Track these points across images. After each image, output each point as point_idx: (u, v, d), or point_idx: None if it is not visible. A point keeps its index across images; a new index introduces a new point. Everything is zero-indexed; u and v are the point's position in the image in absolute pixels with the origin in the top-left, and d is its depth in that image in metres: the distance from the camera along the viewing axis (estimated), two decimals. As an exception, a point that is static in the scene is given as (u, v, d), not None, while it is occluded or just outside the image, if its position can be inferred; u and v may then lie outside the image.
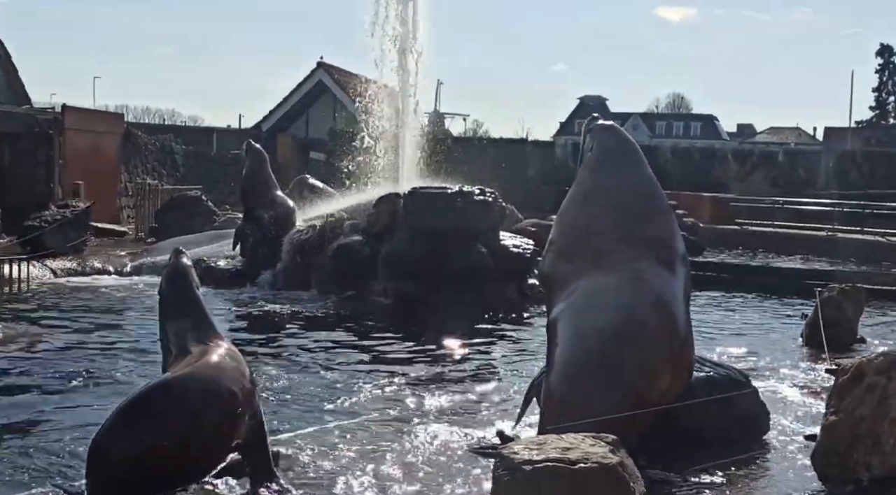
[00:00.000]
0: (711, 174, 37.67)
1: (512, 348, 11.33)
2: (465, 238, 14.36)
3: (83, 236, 18.81)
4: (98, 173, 23.13)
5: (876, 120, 69.99)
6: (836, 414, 5.78)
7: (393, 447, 6.78)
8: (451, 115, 52.68)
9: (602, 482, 4.41)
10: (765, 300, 16.05)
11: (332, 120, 37.02)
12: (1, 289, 14.56)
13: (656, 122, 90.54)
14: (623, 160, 7.35)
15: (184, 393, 5.36)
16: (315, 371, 9.48)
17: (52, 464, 6.30)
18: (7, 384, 8.74)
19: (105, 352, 10.23)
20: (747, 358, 10.13)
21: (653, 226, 7.06)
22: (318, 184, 19.76)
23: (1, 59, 22.23)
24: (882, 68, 71.08)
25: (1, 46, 21.88)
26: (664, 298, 6.68)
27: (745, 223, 27.73)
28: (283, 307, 13.56)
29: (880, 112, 71.18)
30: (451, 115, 52.68)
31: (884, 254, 21.73)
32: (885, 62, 70.84)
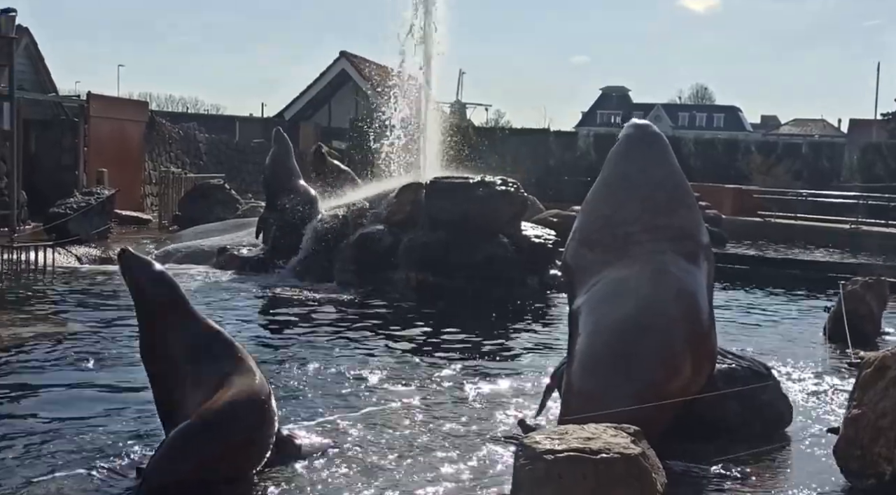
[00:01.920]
0: (734, 166, 37.49)
1: (533, 338, 11.32)
2: (487, 228, 14.35)
3: (107, 223, 18.93)
4: (122, 161, 23.26)
5: (902, 112, 69.19)
6: (859, 407, 5.76)
7: (415, 434, 6.82)
8: (473, 104, 52.67)
9: (624, 472, 4.42)
10: (788, 293, 15.97)
11: (354, 109, 37.05)
12: (27, 274, 14.71)
13: (679, 113, 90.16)
14: (649, 152, 7.33)
15: (234, 420, 5.68)
16: (335, 358, 9.51)
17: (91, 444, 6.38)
18: (37, 368, 8.83)
19: (128, 337, 10.30)
20: (770, 350, 10.09)
21: (677, 218, 7.04)
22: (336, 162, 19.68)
23: (27, 49, 22.39)
24: (909, 60, 70.11)
25: (27, 35, 22.04)
26: (687, 290, 6.67)
27: (768, 215, 27.58)
28: (304, 294, 13.60)
29: (906, 104, 70.35)
30: (473, 104, 52.67)
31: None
32: (912, 53, 69.88)
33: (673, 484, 5.05)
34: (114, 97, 30.55)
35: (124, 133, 24.24)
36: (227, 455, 5.61)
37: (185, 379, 5.99)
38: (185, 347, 6.08)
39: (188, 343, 6.10)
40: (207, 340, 6.18)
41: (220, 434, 5.58)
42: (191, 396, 5.89)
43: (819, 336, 11.53)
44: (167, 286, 6.22)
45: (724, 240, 21.80)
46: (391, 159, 18.57)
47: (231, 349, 6.19)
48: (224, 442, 5.59)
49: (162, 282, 6.21)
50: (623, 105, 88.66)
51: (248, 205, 21.52)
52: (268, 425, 5.93)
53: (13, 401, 7.62)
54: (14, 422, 6.97)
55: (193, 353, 6.07)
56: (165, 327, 6.13)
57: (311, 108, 40.30)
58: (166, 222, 22.62)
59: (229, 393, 5.77)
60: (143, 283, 6.18)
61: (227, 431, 5.60)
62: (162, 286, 6.20)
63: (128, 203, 22.30)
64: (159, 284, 6.20)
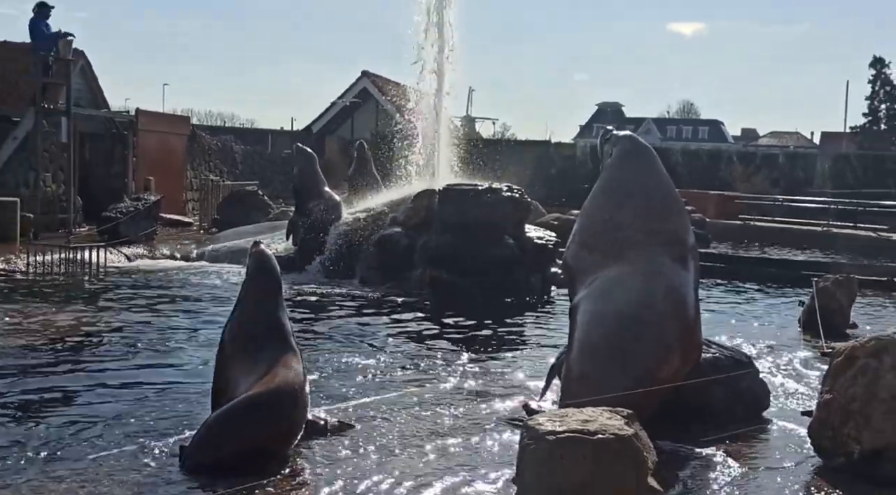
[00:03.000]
0: (718, 174, 37.31)
1: (535, 330, 11.31)
2: (494, 230, 14.33)
3: (153, 226, 18.97)
4: (167, 170, 23.32)
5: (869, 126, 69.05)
6: (831, 392, 5.75)
7: (428, 418, 6.82)
8: (481, 118, 52.65)
9: (618, 451, 4.41)
10: (766, 288, 15.91)
11: (374, 123, 37.07)
12: (82, 272, 14.77)
13: (667, 127, 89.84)
14: (642, 163, 7.32)
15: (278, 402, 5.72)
16: (357, 348, 9.53)
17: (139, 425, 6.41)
18: (91, 357, 8.88)
19: (173, 328, 10.35)
20: (749, 341, 10.05)
21: (668, 223, 7.03)
22: None
23: (83, 69, 22.44)
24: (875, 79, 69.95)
25: (83, 58, 22.09)
26: (676, 288, 6.67)
27: (748, 219, 27.45)
28: (329, 291, 13.62)
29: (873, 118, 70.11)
30: (481, 118, 52.65)
31: (875, 247, 21.45)
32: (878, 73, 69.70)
33: (663, 462, 5.04)
34: (159, 112, 30.62)
35: (168, 145, 24.29)
36: (264, 437, 5.60)
37: (245, 361, 6.00)
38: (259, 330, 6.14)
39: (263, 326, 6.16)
40: (274, 327, 6.20)
41: (261, 417, 5.57)
42: (242, 379, 5.90)
43: (794, 328, 11.48)
44: (271, 272, 6.44)
45: (708, 241, 21.73)
46: (408, 168, 18.57)
47: (285, 339, 6.20)
48: (263, 426, 5.58)
49: (268, 268, 6.44)
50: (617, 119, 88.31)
51: (279, 210, 21.54)
52: (302, 410, 5.94)
53: (69, 387, 7.65)
54: (69, 405, 7.02)
55: (261, 338, 6.10)
56: (260, 307, 6.23)
57: (335, 123, 40.35)
58: (206, 225, 22.65)
59: (274, 379, 5.76)
60: (262, 266, 6.40)
61: (266, 416, 5.59)
62: (274, 272, 6.45)
63: (171, 208, 22.36)
64: (265, 269, 6.43)
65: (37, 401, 7.11)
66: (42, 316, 10.77)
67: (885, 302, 14.27)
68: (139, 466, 5.58)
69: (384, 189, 18.56)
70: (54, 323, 10.37)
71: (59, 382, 7.78)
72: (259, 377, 5.80)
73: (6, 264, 14.48)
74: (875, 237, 22.87)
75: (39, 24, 18.30)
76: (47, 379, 7.90)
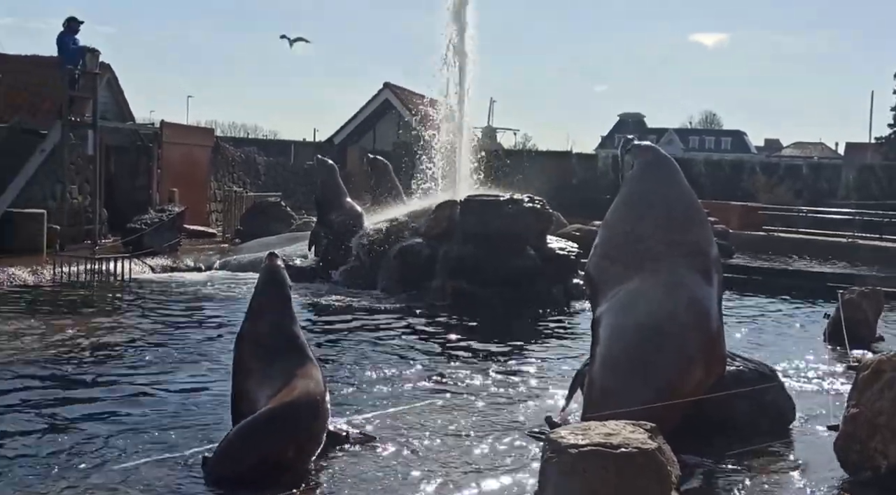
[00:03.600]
0: (740, 185, 37.08)
1: (558, 342, 11.25)
2: (515, 241, 14.30)
3: (177, 237, 19.06)
4: (191, 181, 23.44)
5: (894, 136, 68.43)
6: (857, 406, 5.68)
7: (449, 430, 6.79)
8: (502, 129, 52.59)
9: (642, 465, 4.37)
10: (790, 300, 15.76)
11: (396, 134, 37.15)
12: (107, 282, 14.87)
13: (690, 137, 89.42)
14: (664, 174, 7.28)
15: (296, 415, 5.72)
16: (379, 359, 9.51)
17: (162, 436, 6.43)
18: (115, 367, 8.92)
19: (195, 339, 10.38)
20: (774, 353, 9.95)
21: (691, 235, 6.98)
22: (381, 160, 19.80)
23: (109, 83, 22.68)
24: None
25: (109, 71, 22.33)
26: (699, 300, 6.61)
27: (771, 230, 27.25)
28: (351, 301, 13.63)
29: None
30: (502, 129, 52.59)
31: (901, 259, 21.20)
32: (903, 83, 69.08)
33: (687, 476, 5.00)
34: (183, 125, 30.80)
35: (192, 156, 24.43)
36: (286, 449, 5.59)
37: (261, 373, 6.01)
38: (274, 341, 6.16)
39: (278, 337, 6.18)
40: (290, 338, 6.21)
41: (282, 430, 5.57)
42: (261, 391, 5.90)
43: (819, 340, 11.36)
44: (282, 284, 6.51)
45: (732, 252, 21.56)
46: (429, 178, 18.58)
47: (302, 350, 6.20)
48: (284, 438, 5.58)
49: (279, 280, 6.51)
50: (638, 130, 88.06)
51: (301, 221, 21.59)
52: (323, 422, 5.94)
53: (92, 397, 7.69)
54: (93, 416, 7.03)
55: (277, 349, 6.12)
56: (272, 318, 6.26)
57: (357, 134, 40.46)
58: (229, 236, 22.75)
59: (293, 392, 5.76)
60: (274, 278, 6.48)
61: (287, 428, 5.60)
62: (279, 283, 6.50)
63: (195, 219, 22.46)
64: (276, 281, 6.50)
65: (60, 411, 7.14)
66: (67, 326, 10.84)
67: (911, 314, 14.09)
68: (162, 478, 5.59)
69: (405, 199, 18.56)
70: (79, 333, 10.43)
71: (83, 392, 7.82)
72: (277, 388, 5.80)
73: (33, 275, 14.60)
74: (901, 248, 22.62)
75: (67, 38, 18.50)
76: (71, 389, 7.95)
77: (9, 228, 16.50)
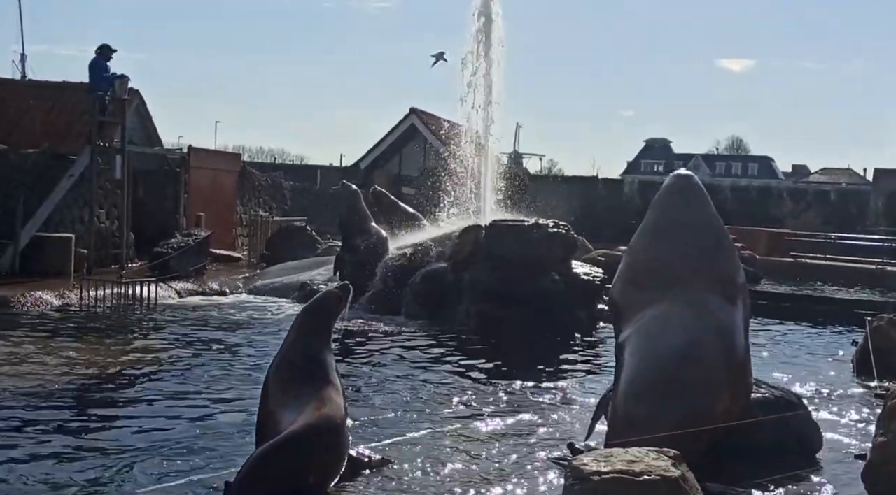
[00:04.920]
0: (768, 211, 36.91)
1: (582, 367, 11.20)
2: (540, 266, 14.29)
3: (204, 261, 19.19)
4: (218, 206, 23.64)
5: (923, 161, 67.74)
6: (886, 435, 5.59)
7: (472, 455, 6.77)
8: (528, 154, 52.57)
9: (665, 493, 4.33)
10: (817, 327, 15.60)
11: (422, 159, 37.30)
12: (133, 306, 14.99)
13: (716, 163, 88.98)
14: (690, 200, 7.25)
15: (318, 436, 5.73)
16: (401, 383, 9.51)
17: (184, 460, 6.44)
18: (140, 390, 8.97)
19: (220, 363, 10.43)
20: (801, 381, 9.85)
21: (718, 262, 6.95)
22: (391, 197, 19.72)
23: (137, 108, 22.93)
24: (929, 114, 68.82)
25: (138, 97, 22.57)
26: (726, 327, 6.57)
27: (799, 256, 27.03)
28: (376, 326, 13.65)
29: (927, 154, 68.85)
30: (528, 154, 52.57)
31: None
32: (933, 108, 68.58)
33: (711, 504, 4.94)
34: (211, 150, 31.12)
35: (219, 181, 24.66)
36: (307, 473, 5.59)
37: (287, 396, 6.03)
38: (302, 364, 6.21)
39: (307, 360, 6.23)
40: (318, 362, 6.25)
41: (303, 454, 5.57)
42: (285, 414, 5.91)
43: (847, 368, 11.22)
44: (324, 309, 6.59)
45: (759, 279, 21.42)
46: (455, 203, 18.63)
47: (328, 374, 6.22)
48: (305, 462, 5.58)
49: (322, 305, 6.63)
50: (665, 155, 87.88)
51: (326, 245, 21.67)
52: (344, 447, 5.95)
53: (117, 420, 7.74)
54: (117, 439, 7.08)
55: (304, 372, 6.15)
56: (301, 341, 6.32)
57: (383, 158, 40.64)
58: (255, 260, 22.89)
59: (316, 415, 5.77)
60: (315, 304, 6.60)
61: (308, 452, 5.60)
62: (321, 307, 6.59)
63: (222, 243, 22.62)
64: (319, 305, 6.61)
65: (83, 435, 7.19)
66: (92, 349, 10.93)
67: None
68: (183, 501, 5.61)
69: (424, 221, 18.55)
70: (104, 357, 10.51)
71: (107, 416, 7.87)
72: (300, 412, 5.81)
73: (60, 298, 14.75)
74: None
75: (100, 65, 18.80)
76: (95, 413, 8.00)
77: (38, 252, 16.71)
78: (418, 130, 38.66)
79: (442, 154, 19.90)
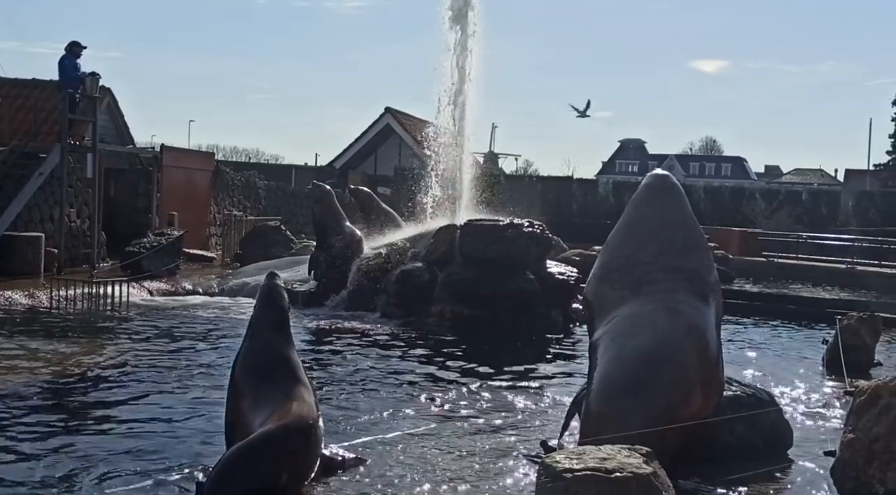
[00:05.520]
0: (741, 211, 37.21)
1: (556, 366, 11.24)
2: (515, 265, 14.32)
3: (176, 261, 19.04)
4: (191, 205, 23.48)
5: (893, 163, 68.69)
6: (854, 432, 5.66)
7: (446, 454, 6.77)
8: (504, 154, 52.67)
9: (636, 490, 4.35)
10: (789, 326, 15.75)
11: (397, 159, 37.26)
12: (104, 306, 14.85)
13: (690, 163, 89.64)
14: (665, 200, 7.30)
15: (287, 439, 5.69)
16: (375, 383, 9.50)
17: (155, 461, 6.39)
18: (110, 391, 8.90)
19: (189, 364, 10.36)
20: (772, 379, 9.94)
21: (690, 261, 7.00)
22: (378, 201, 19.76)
23: (109, 106, 22.78)
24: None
25: (110, 95, 22.42)
26: (698, 326, 6.61)
27: (771, 255, 27.26)
28: (350, 325, 13.61)
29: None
30: (504, 154, 52.67)
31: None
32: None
33: (682, 501, 4.98)
34: (184, 148, 30.92)
35: (193, 180, 24.50)
36: (280, 473, 5.57)
37: (256, 396, 5.99)
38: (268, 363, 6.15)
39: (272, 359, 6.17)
40: (283, 360, 6.21)
41: (276, 454, 5.55)
42: (255, 413, 5.88)
43: (817, 366, 11.35)
44: (279, 306, 6.45)
45: (731, 278, 21.59)
46: (430, 203, 18.61)
47: (296, 372, 6.20)
48: (278, 462, 5.56)
49: (276, 302, 6.47)
50: (640, 155, 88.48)
51: (301, 245, 21.59)
52: (317, 446, 5.93)
53: (87, 421, 7.67)
54: (86, 441, 7.00)
55: (271, 370, 6.10)
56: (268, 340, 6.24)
57: (359, 158, 40.57)
58: (229, 260, 22.74)
59: (287, 415, 5.75)
60: (271, 299, 6.43)
61: (281, 452, 5.58)
62: (276, 305, 6.45)
63: (195, 242, 22.48)
64: (273, 303, 6.45)
65: (53, 436, 7.11)
66: (62, 350, 10.82)
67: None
68: (155, 502, 5.57)
69: (401, 221, 18.55)
70: (74, 357, 10.41)
71: (77, 417, 7.80)
72: (271, 411, 5.78)
73: (30, 299, 14.59)
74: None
75: (69, 62, 18.61)
76: (64, 413, 7.92)
77: (7, 251, 16.51)
78: (394, 130, 38.62)
79: (417, 154, 19.84)
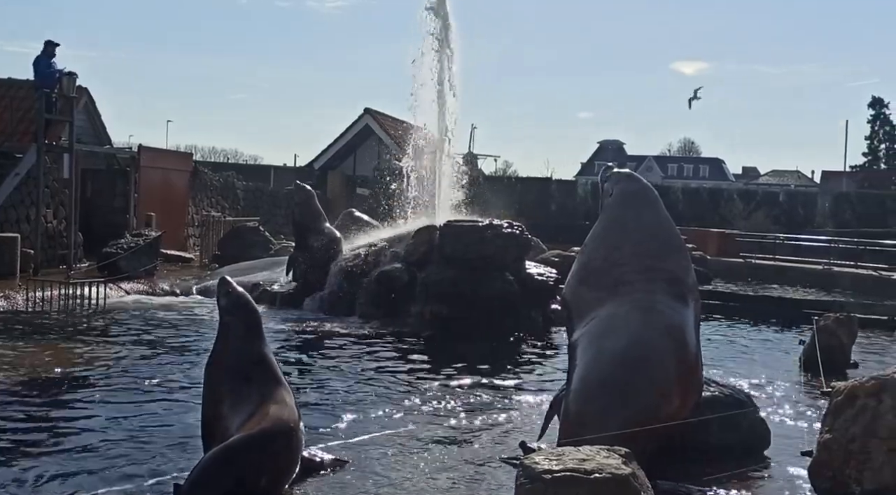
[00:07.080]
0: (718, 212, 37.46)
1: (534, 367, 11.25)
2: (494, 266, 14.33)
3: (154, 262, 18.94)
4: (169, 206, 23.35)
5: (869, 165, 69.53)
6: (831, 432, 5.69)
7: (425, 456, 6.76)
8: (483, 155, 52.57)
9: (615, 491, 4.36)
10: (766, 326, 15.85)
11: (376, 159, 37.19)
12: (81, 307, 14.73)
13: (668, 164, 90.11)
14: (641, 201, 7.34)
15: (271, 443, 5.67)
16: (355, 384, 9.47)
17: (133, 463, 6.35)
18: (87, 392, 8.82)
19: (170, 364, 10.30)
20: (749, 379, 10.00)
21: (667, 262, 7.03)
22: (363, 216, 19.84)
23: (86, 106, 22.60)
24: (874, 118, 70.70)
25: (87, 95, 22.25)
26: (676, 326, 6.64)
27: (749, 256, 27.44)
28: (329, 326, 13.57)
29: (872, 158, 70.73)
30: (483, 155, 52.57)
31: (875, 286, 21.41)
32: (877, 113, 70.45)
33: (661, 502, 4.99)
34: (162, 149, 30.73)
35: (171, 181, 24.37)
36: (260, 476, 5.54)
37: (234, 398, 5.96)
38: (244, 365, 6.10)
39: (248, 361, 6.12)
40: (260, 362, 6.17)
41: (255, 457, 5.52)
42: (233, 416, 5.85)
43: (794, 366, 11.42)
44: (251, 309, 6.43)
45: (709, 279, 21.72)
46: (409, 204, 18.60)
47: (274, 374, 6.17)
48: (258, 465, 5.53)
49: (248, 305, 6.44)
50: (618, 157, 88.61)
51: (280, 246, 21.52)
52: (297, 448, 5.90)
53: (63, 424, 7.60)
54: (63, 443, 6.95)
55: (248, 373, 6.06)
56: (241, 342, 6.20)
57: (338, 159, 40.44)
58: (207, 260, 22.65)
59: (267, 418, 5.72)
60: (240, 302, 6.39)
61: (261, 455, 5.55)
62: (248, 308, 6.41)
63: (173, 243, 22.36)
64: (245, 306, 6.40)
65: (28, 439, 7.06)
66: (38, 352, 10.73)
67: (885, 341, 14.21)
68: (132, 504, 5.53)
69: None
70: (50, 359, 10.32)
71: (53, 419, 7.73)
72: (249, 413, 5.75)
73: (5, 300, 14.45)
74: (876, 276, 22.83)
75: (43, 61, 18.46)
76: (40, 416, 7.85)
77: (-18, 252, 16.34)
78: (373, 131, 38.53)
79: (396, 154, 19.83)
